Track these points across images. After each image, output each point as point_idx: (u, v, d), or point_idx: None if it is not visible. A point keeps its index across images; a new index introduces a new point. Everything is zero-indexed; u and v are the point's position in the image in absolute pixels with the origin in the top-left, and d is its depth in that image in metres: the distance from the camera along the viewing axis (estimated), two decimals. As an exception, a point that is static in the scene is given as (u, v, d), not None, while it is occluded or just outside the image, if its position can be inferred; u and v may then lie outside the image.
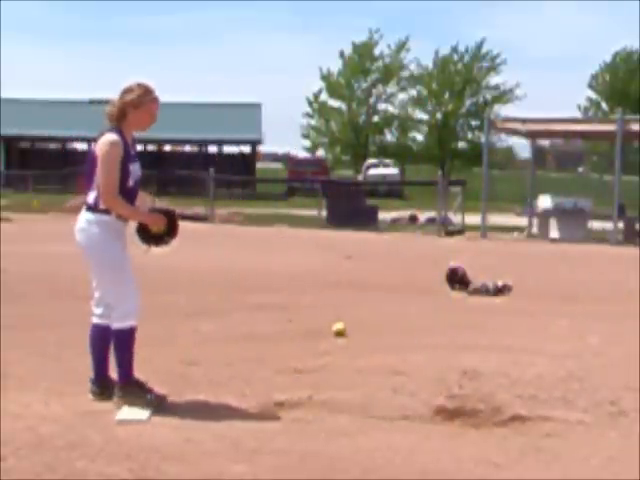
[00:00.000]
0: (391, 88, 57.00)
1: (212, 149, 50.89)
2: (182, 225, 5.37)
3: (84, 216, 5.11)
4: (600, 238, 20.85)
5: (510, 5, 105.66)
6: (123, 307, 5.07)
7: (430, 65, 56.12)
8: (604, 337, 7.57)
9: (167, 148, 52.71)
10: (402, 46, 56.14)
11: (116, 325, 5.10)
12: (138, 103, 5.06)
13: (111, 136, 5.02)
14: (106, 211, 5.03)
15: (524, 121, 23.98)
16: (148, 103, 5.10)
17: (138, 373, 5.20)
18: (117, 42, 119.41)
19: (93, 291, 5.24)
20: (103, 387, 5.22)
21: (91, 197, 5.07)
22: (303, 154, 57.55)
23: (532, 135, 24.96)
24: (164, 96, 5.51)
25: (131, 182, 5.11)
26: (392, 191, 40.11)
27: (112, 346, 5.19)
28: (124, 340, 5.11)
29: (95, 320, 5.25)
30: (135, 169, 5.15)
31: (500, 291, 10.49)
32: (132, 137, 5.20)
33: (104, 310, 5.18)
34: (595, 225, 22.25)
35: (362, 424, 4.87)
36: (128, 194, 5.08)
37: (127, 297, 5.07)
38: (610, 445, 4.59)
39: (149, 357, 6.37)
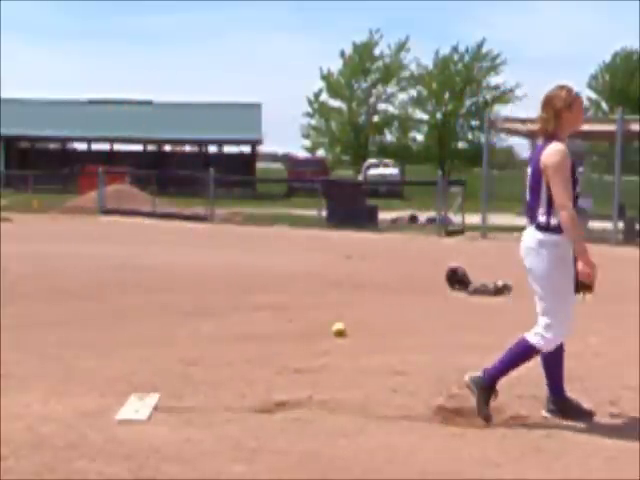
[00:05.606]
0: (391, 88, 57.05)
1: (212, 149, 50.99)
2: (182, 225, 5.33)
3: (533, 235, 4.86)
4: (600, 238, 20.82)
5: (510, 5, 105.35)
6: (546, 330, 4.86)
7: (430, 65, 56.21)
8: (604, 337, 7.57)
9: (167, 148, 52.77)
10: (402, 46, 56.15)
11: (527, 334, 4.92)
12: (571, 102, 4.86)
13: (557, 145, 4.79)
14: (557, 230, 4.77)
15: (524, 121, 23.96)
16: (576, 99, 4.91)
17: (141, 372, 5.20)
18: (117, 42, 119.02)
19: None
20: (560, 405, 5.07)
21: (541, 214, 4.83)
22: (303, 154, 57.66)
23: (532, 135, 24.94)
24: (165, 96, 5.50)
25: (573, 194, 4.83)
26: (392, 191, 40.06)
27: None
28: (520, 351, 4.94)
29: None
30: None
31: (500, 291, 10.48)
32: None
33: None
34: (595, 225, 22.23)
35: (362, 424, 4.86)
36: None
37: (555, 325, 4.86)
38: (610, 445, 4.59)
39: (149, 357, 6.38)
